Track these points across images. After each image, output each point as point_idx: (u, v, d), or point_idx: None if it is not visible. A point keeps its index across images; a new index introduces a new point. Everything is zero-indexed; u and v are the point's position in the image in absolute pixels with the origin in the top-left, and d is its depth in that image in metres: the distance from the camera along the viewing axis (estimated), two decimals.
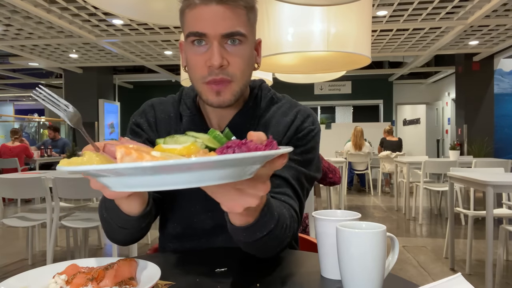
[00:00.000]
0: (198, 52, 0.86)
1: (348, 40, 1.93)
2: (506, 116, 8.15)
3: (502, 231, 2.92)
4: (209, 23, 0.83)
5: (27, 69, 9.96)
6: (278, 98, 1.03)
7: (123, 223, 0.80)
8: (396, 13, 5.37)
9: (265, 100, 1.01)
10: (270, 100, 1.01)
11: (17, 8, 5.00)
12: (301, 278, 0.77)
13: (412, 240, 4.36)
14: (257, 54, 0.97)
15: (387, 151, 7.55)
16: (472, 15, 5.43)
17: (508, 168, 4.56)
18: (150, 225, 0.90)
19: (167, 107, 1.03)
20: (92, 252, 3.90)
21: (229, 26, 0.83)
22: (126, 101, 11.35)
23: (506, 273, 3.21)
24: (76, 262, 0.72)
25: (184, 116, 1.01)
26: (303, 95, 11.31)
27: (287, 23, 1.94)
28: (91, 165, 0.46)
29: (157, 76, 10.54)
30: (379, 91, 11.90)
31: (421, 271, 3.32)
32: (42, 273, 0.68)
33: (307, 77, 3.27)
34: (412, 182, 5.48)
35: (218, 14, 0.82)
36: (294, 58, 2.39)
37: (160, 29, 6.12)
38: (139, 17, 1.28)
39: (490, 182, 2.61)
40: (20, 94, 14.00)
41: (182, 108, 1.02)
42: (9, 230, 4.88)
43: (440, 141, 11.34)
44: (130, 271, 0.67)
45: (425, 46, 7.29)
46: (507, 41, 6.89)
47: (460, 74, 8.50)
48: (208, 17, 0.83)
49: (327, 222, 0.73)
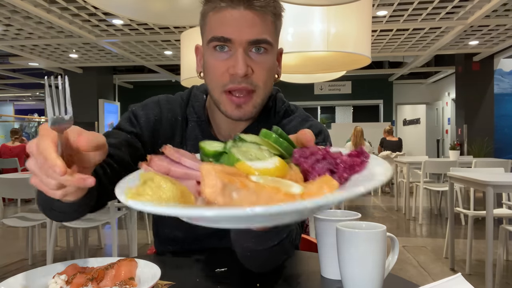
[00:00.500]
0: (220, 58, 0.80)
1: (348, 40, 1.93)
2: (506, 116, 8.15)
3: (502, 231, 2.92)
4: (235, 28, 0.78)
5: (27, 69, 9.96)
6: (292, 110, 0.98)
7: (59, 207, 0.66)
8: (396, 13, 5.37)
9: (279, 113, 0.96)
10: (284, 113, 0.97)
11: (17, 8, 5.00)
12: (301, 278, 0.77)
13: (412, 240, 4.36)
14: (278, 64, 0.92)
15: (387, 151, 7.55)
16: (472, 15, 5.43)
17: (508, 168, 4.56)
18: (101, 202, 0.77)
19: (175, 107, 0.96)
20: (92, 252, 3.90)
21: (256, 33, 0.78)
22: (126, 101, 11.35)
23: (506, 273, 3.21)
24: (76, 262, 0.72)
25: (190, 120, 0.95)
26: (303, 95, 11.31)
27: (287, 23, 1.94)
28: (189, 209, 0.39)
29: (157, 76, 10.53)
30: (379, 91, 11.89)
31: (421, 271, 3.32)
32: (42, 273, 0.68)
33: (307, 77, 3.27)
34: (412, 182, 5.48)
35: (246, 20, 0.78)
36: (294, 58, 2.39)
37: (160, 29, 6.12)
38: (139, 17, 1.28)
39: (490, 182, 2.61)
40: (20, 94, 14.00)
41: (189, 111, 0.96)
42: (9, 230, 4.88)
43: (440, 141, 11.33)
44: (130, 271, 0.67)
45: (425, 46, 7.28)
46: (507, 41, 6.89)
47: (460, 74, 8.50)
48: (235, 22, 0.78)
49: (327, 222, 0.73)
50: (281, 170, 0.46)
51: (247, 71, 0.78)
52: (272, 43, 0.81)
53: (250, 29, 0.78)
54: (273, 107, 0.96)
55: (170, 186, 0.44)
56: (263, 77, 0.81)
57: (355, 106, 13.79)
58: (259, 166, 0.47)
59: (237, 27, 0.78)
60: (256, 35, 0.78)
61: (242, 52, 0.78)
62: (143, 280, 0.67)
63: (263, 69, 0.81)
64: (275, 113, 0.95)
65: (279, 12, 0.84)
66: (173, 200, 0.43)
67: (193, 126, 0.94)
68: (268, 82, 0.84)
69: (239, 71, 0.77)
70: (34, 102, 15.81)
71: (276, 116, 0.95)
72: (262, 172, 0.45)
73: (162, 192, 0.43)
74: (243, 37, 0.78)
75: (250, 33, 0.78)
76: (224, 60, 0.80)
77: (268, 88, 0.85)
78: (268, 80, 0.84)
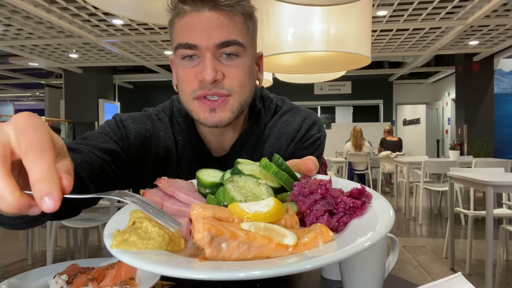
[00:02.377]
0: (188, 66, 0.74)
1: (348, 40, 1.93)
2: (506, 116, 8.15)
3: (502, 231, 2.92)
4: (200, 32, 0.72)
5: (27, 69, 9.96)
6: (279, 106, 0.93)
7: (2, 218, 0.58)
8: (396, 13, 5.37)
9: (269, 113, 0.91)
10: (274, 110, 0.92)
11: (17, 8, 5.00)
12: (301, 278, 0.77)
13: (412, 240, 4.36)
14: (259, 70, 0.85)
15: (387, 151, 7.55)
16: (472, 15, 5.43)
17: (508, 168, 4.56)
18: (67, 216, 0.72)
19: (167, 125, 0.88)
20: (92, 252, 3.90)
21: (224, 35, 0.72)
22: (126, 101, 11.35)
23: (506, 273, 3.21)
24: (77, 262, 0.72)
25: (178, 140, 0.87)
26: (303, 95, 11.31)
27: (287, 23, 1.94)
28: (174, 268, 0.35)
29: (157, 76, 10.54)
30: (379, 91, 11.89)
31: (421, 271, 3.32)
32: (42, 273, 0.68)
33: (307, 77, 3.27)
34: (412, 182, 5.48)
35: (211, 22, 0.72)
36: (294, 58, 2.39)
37: (160, 29, 6.12)
38: (139, 17, 1.28)
39: (490, 182, 2.61)
40: (20, 94, 14.00)
41: (175, 129, 0.88)
42: (9, 230, 4.87)
43: (440, 141, 11.33)
44: (130, 271, 0.67)
45: (425, 46, 7.28)
46: (507, 41, 6.89)
47: (460, 74, 8.50)
48: (199, 26, 0.72)
49: None
50: (275, 215, 0.44)
51: (216, 76, 0.72)
52: (243, 44, 0.75)
53: (217, 31, 0.72)
54: (262, 109, 0.91)
55: (157, 232, 0.42)
56: (238, 79, 0.75)
57: (355, 106, 13.80)
58: (253, 209, 0.44)
59: (202, 31, 0.72)
60: (224, 37, 0.72)
61: (210, 56, 0.72)
62: (143, 280, 0.67)
63: (237, 71, 0.74)
64: (265, 113, 0.91)
65: (250, 12, 0.78)
66: (159, 247, 0.41)
67: (184, 146, 0.86)
68: (246, 85, 0.77)
69: (207, 77, 0.71)
70: (34, 102, 15.81)
71: (267, 115, 0.91)
72: (255, 217, 0.43)
73: (150, 239, 0.41)
74: (210, 41, 0.72)
75: (217, 35, 0.72)
76: (192, 67, 0.74)
77: (247, 92, 0.78)
78: (246, 82, 0.77)
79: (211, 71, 0.71)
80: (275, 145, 0.87)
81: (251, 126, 0.87)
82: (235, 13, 0.74)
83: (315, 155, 0.90)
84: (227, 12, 0.73)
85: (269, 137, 0.88)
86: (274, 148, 0.87)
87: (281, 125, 0.89)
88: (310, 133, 0.89)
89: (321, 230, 0.43)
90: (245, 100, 0.78)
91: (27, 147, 0.36)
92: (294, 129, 0.88)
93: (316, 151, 0.90)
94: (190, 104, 0.76)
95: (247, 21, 0.77)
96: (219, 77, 0.73)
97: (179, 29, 0.75)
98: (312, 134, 0.89)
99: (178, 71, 0.77)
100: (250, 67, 0.78)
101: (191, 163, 0.87)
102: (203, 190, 0.56)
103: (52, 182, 0.36)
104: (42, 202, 0.35)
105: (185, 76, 0.75)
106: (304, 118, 0.90)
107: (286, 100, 0.97)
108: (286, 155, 0.87)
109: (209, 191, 0.56)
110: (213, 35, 0.72)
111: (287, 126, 0.89)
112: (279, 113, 0.92)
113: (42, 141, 0.37)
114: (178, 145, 0.86)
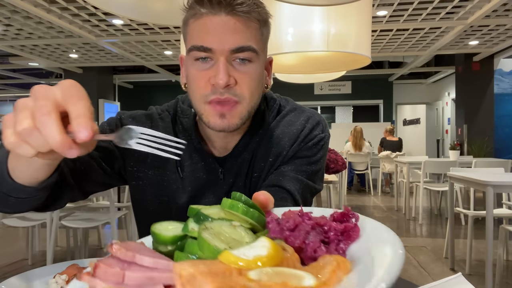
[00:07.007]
0: (201, 68, 0.75)
1: (348, 40, 1.93)
2: (506, 116, 8.15)
3: (502, 231, 2.92)
4: (216, 36, 0.72)
5: (27, 69, 9.96)
6: (283, 106, 0.94)
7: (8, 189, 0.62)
8: (396, 13, 5.37)
9: (272, 113, 0.91)
10: (277, 112, 0.92)
11: (17, 8, 5.00)
12: None
13: (412, 240, 4.36)
14: (268, 74, 0.85)
15: (387, 151, 7.56)
16: (472, 15, 5.43)
17: (508, 168, 4.56)
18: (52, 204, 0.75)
19: (168, 125, 0.89)
20: (92, 252, 3.90)
21: (239, 41, 0.73)
22: (126, 101, 11.35)
23: (506, 273, 3.21)
24: (77, 262, 0.72)
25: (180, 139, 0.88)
26: (303, 95, 11.31)
27: (287, 23, 1.94)
28: None
29: (157, 76, 10.53)
30: (379, 91, 11.90)
31: (421, 271, 3.32)
32: (42, 273, 0.68)
33: (307, 77, 3.27)
34: (412, 182, 5.48)
35: (228, 27, 0.72)
36: (294, 58, 2.39)
37: (160, 29, 6.12)
38: (139, 17, 1.28)
39: (490, 182, 2.61)
40: (20, 94, 13.98)
41: (178, 129, 0.88)
42: (9, 230, 4.88)
43: (440, 141, 11.34)
44: None
45: (425, 46, 7.28)
46: (507, 41, 6.89)
47: (460, 74, 8.50)
48: (215, 30, 0.72)
49: None
50: (277, 256, 0.37)
51: (229, 81, 0.72)
52: (257, 51, 0.75)
53: (232, 36, 0.72)
54: (265, 110, 0.91)
55: None
56: (248, 88, 0.75)
57: (355, 106, 13.80)
58: (251, 255, 0.37)
59: (218, 35, 0.72)
60: (239, 42, 0.73)
61: (224, 61, 0.72)
62: None
63: (248, 78, 0.75)
64: (269, 113, 0.91)
65: (265, 18, 0.78)
66: None
67: (186, 146, 0.85)
68: (255, 92, 0.78)
69: (220, 81, 0.71)
70: None
71: (270, 115, 0.91)
72: (256, 263, 0.36)
73: None
74: (225, 46, 0.72)
75: (232, 41, 0.72)
76: (205, 70, 0.74)
77: (255, 99, 0.79)
78: (255, 90, 0.78)
79: (224, 75, 0.71)
80: (278, 145, 0.87)
81: (255, 126, 0.87)
82: (251, 19, 0.74)
83: (318, 156, 0.89)
84: (244, 18, 0.73)
85: (272, 137, 0.88)
86: (277, 148, 0.87)
87: (284, 125, 0.89)
88: (314, 133, 0.88)
89: (337, 261, 0.37)
90: (252, 107, 0.79)
91: (70, 96, 0.47)
92: (297, 129, 0.88)
93: (320, 152, 0.89)
94: (201, 108, 0.77)
95: (262, 27, 0.77)
96: (232, 82, 0.73)
97: (194, 30, 0.75)
98: (316, 134, 0.89)
99: (190, 72, 0.77)
100: (261, 73, 0.79)
101: (193, 163, 0.87)
102: (163, 248, 0.47)
103: (87, 118, 0.46)
104: (80, 133, 0.45)
105: (197, 79, 0.76)
106: (308, 118, 0.90)
107: (290, 100, 0.96)
108: (289, 155, 0.87)
109: (171, 248, 0.47)
110: (228, 40, 0.72)
111: (290, 126, 0.89)
112: (282, 113, 0.92)
113: (80, 93, 0.48)
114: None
